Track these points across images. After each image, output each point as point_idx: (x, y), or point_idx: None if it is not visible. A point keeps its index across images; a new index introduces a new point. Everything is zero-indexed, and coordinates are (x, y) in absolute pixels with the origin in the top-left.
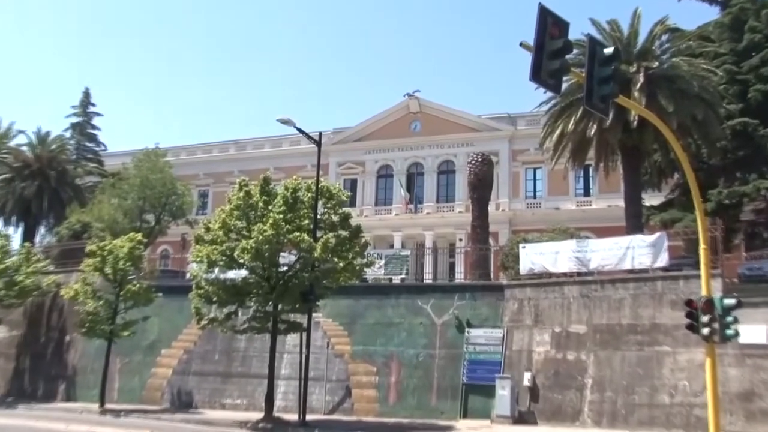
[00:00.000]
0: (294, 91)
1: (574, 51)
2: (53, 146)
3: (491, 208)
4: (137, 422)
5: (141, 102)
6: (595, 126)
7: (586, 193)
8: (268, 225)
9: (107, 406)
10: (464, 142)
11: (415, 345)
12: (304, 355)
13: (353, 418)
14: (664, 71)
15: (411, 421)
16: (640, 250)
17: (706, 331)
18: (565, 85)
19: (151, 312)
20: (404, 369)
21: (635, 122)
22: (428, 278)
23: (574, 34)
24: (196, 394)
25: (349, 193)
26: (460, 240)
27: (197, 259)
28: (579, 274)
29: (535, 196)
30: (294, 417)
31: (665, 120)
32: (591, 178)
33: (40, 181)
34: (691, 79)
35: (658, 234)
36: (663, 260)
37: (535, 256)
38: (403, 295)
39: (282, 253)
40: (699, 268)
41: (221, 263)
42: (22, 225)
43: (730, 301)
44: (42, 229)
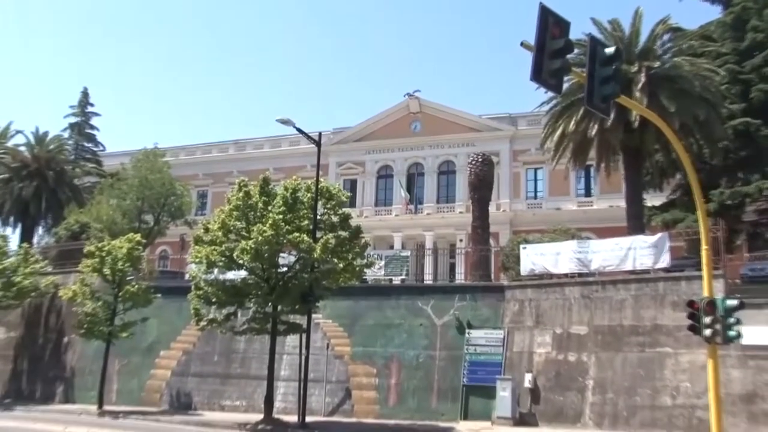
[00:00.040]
0: (294, 91)
1: (575, 51)
2: (51, 146)
3: (492, 208)
4: (136, 424)
5: (140, 102)
6: (596, 126)
7: (588, 193)
8: (268, 225)
9: (106, 407)
10: (465, 142)
11: (415, 346)
12: (303, 357)
13: (353, 419)
14: (666, 71)
15: (411, 422)
16: (641, 251)
17: (708, 332)
18: (566, 85)
19: (149, 313)
20: (404, 370)
21: (637, 122)
22: (428, 279)
23: (575, 33)
24: (195, 396)
25: (349, 194)
26: (461, 241)
27: (196, 260)
28: (580, 275)
29: (536, 197)
30: (293, 418)
31: (667, 120)
32: (592, 179)
33: (38, 182)
34: (693, 78)
35: (659, 234)
36: (665, 261)
37: (535, 257)
38: (404, 296)
39: (281, 254)
40: (701, 269)
41: (220, 264)
42: (20, 225)
43: (732, 302)
44: (40, 230)
